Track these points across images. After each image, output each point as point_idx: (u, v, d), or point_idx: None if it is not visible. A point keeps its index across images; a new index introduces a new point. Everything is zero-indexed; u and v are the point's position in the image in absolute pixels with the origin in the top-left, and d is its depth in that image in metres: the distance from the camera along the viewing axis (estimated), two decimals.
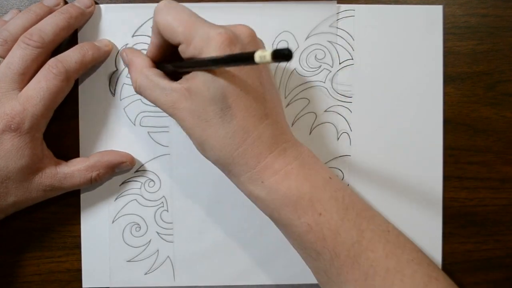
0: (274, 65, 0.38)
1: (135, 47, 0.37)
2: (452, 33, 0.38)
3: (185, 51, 0.30)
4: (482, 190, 0.39)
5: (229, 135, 0.30)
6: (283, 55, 0.23)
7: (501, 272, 0.39)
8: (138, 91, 0.33)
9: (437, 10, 0.38)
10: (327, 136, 0.38)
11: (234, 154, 0.30)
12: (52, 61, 0.34)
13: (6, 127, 0.32)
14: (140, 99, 0.38)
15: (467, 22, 0.38)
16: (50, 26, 0.34)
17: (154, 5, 0.37)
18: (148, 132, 0.38)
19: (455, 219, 0.39)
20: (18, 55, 0.33)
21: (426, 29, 0.38)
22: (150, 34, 0.37)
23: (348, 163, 0.38)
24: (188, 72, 0.31)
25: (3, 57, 0.33)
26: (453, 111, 0.39)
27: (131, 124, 0.38)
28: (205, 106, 0.30)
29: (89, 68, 0.36)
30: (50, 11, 0.35)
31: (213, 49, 0.29)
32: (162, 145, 0.38)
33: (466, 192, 0.39)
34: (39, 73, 0.33)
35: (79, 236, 0.38)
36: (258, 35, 0.37)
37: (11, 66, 0.33)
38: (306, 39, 0.38)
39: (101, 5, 0.37)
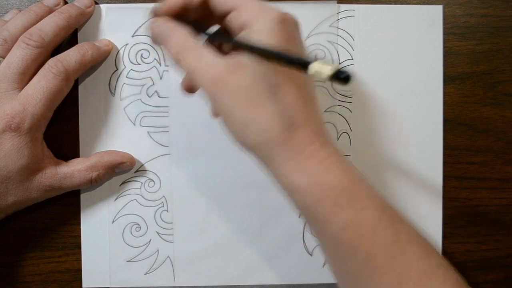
0: None
1: (135, 47, 0.37)
2: (452, 33, 0.38)
3: (234, 19, 0.29)
4: (482, 190, 0.39)
5: (279, 114, 0.28)
6: (341, 78, 0.21)
7: (501, 272, 0.39)
8: (177, 60, 0.30)
9: (437, 10, 0.38)
10: None
11: (282, 136, 0.28)
12: (52, 61, 0.34)
13: (6, 127, 0.32)
14: (140, 99, 0.38)
15: (467, 22, 0.38)
16: (50, 26, 0.34)
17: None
18: (148, 132, 0.38)
19: (455, 219, 0.39)
20: (18, 55, 0.33)
21: (426, 29, 0.38)
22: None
23: None
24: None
25: (3, 57, 0.33)
26: (453, 111, 0.39)
27: (131, 124, 0.38)
28: (255, 80, 0.28)
29: (88, 68, 0.36)
30: (50, 11, 0.35)
31: (266, 20, 0.28)
32: (162, 145, 0.38)
33: (466, 192, 0.39)
34: (39, 73, 0.33)
35: (79, 236, 0.38)
36: None
37: (11, 66, 0.33)
38: (306, 39, 0.38)
39: (101, 5, 0.37)
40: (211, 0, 0.31)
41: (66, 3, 0.37)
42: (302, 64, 0.23)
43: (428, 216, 0.39)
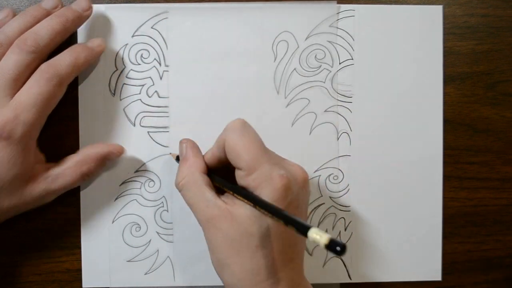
0: (275, 65, 0.38)
1: (134, 47, 0.37)
2: (452, 33, 0.38)
3: (243, 179, 0.31)
4: (482, 190, 0.39)
5: (255, 271, 0.30)
6: (335, 250, 0.23)
7: (501, 272, 0.39)
8: (180, 189, 0.33)
9: (437, 10, 0.38)
10: (327, 136, 0.38)
11: None
12: (44, 66, 0.33)
13: None
14: (140, 99, 0.38)
15: (467, 22, 0.38)
16: (46, 29, 0.33)
17: (154, 5, 0.37)
18: (148, 132, 0.38)
19: (455, 219, 0.39)
20: (12, 60, 0.32)
21: (426, 29, 0.38)
22: (150, 34, 0.37)
23: (348, 163, 0.38)
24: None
25: None
26: (453, 111, 0.39)
27: (131, 124, 0.38)
28: (242, 237, 0.30)
29: (82, 70, 0.35)
30: (48, 13, 0.34)
31: (270, 190, 0.29)
32: (162, 145, 0.38)
33: (466, 192, 0.39)
34: (31, 78, 0.32)
35: (79, 236, 0.38)
36: (258, 35, 0.38)
37: (4, 72, 0.32)
38: (306, 39, 0.38)
39: (101, 5, 0.37)
40: (227, 154, 0.32)
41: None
42: (300, 228, 0.26)
43: (428, 216, 0.39)
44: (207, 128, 0.38)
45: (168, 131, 0.38)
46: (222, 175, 0.33)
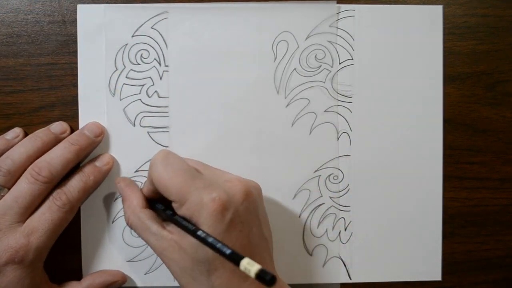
0: (275, 65, 0.38)
1: (134, 47, 0.37)
2: (452, 33, 0.38)
3: (178, 210, 0.31)
4: (482, 190, 0.39)
5: None
6: (264, 280, 0.24)
7: (501, 272, 0.39)
8: (130, 227, 0.34)
9: (437, 10, 0.38)
10: (327, 136, 0.38)
11: None
12: (56, 193, 0.34)
13: (10, 260, 0.32)
14: (140, 99, 0.38)
15: (467, 22, 0.38)
16: (60, 160, 0.34)
17: (154, 5, 0.37)
18: (148, 132, 0.38)
19: (455, 219, 0.39)
20: (26, 190, 0.33)
21: (426, 29, 0.38)
22: (150, 34, 0.37)
23: (348, 163, 0.38)
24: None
25: (7, 188, 0.33)
26: (453, 111, 0.39)
27: (130, 124, 0.38)
28: (192, 264, 0.30)
29: (92, 192, 0.37)
30: (56, 138, 0.35)
31: (205, 216, 0.29)
32: (162, 145, 0.38)
33: (466, 192, 0.39)
34: (44, 205, 0.34)
35: (79, 236, 0.38)
36: (258, 35, 0.38)
37: (18, 200, 0.33)
38: (306, 39, 0.38)
39: (101, 5, 0.37)
40: (158, 188, 0.32)
41: (72, 130, 0.37)
42: (234, 258, 0.26)
43: (428, 216, 0.39)
44: (207, 128, 0.38)
45: (168, 131, 0.38)
46: (166, 202, 0.33)
